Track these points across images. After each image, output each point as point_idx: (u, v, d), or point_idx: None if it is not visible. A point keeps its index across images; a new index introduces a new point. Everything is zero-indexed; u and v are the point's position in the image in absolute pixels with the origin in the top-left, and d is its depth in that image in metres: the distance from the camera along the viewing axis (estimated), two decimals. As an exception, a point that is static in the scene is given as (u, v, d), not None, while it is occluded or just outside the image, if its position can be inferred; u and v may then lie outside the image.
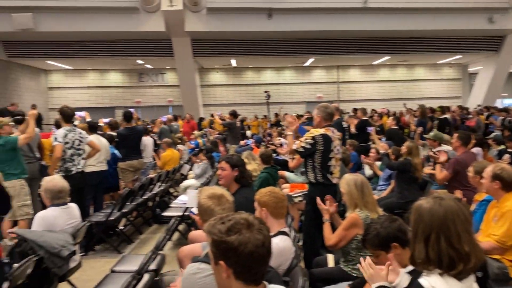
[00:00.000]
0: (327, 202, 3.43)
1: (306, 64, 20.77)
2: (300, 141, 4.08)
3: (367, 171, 6.71)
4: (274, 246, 1.55)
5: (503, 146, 7.64)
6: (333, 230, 3.29)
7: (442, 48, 16.75)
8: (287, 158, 7.02)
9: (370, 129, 8.01)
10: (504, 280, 3.02)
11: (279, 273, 2.51)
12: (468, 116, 13.31)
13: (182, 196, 6.46)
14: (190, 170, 8.74)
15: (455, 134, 5.21)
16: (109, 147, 6.68)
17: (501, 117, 12.86)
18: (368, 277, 2.03)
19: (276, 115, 17.29)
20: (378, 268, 2.02)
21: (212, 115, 16.50)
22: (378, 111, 14.16)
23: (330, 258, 3.44)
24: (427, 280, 1.66)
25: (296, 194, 5.23)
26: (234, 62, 19.59)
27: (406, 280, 1.86)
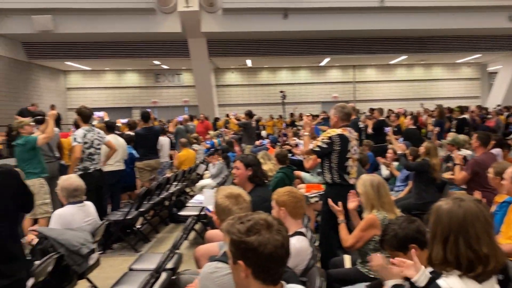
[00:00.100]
0: (349, 197, 3.40)
1: (322, 64, 20.69)
2: (317, 141, 4.07)
3: (384, 172, 6.64)
4: (291, 246, 1.55)
5: (523, 147, 7.47)
6: (349, 231, 3.28)
7: (460, 47, 16.51)
8: (302, 158, 7.00)
9: (387, 129, 7.92)
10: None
11: (296, 273, 2.51)
12: (488, 116, 13.07)
13: (198, 195, 6.50)
14: (206, 170, 8.79)
15: (475, 135, 5.14)
16: (126, 147, 6.77)
17: (521, 117, 12.61)
18: (385, 275, 2.03)
19: (291, 115, 17.25)
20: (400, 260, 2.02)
21: (227, 115, 16.58)
22: (395, 111, 14.01)
23: (347, 259, 3.42)
24: (446, 281, 1.64)
25: (312, 195, 5.21)
26: (249, 62, 19.62)
27: (425, 279, 1.85)
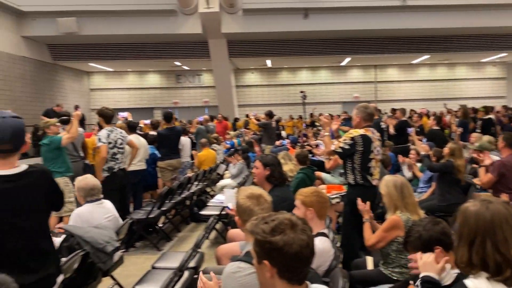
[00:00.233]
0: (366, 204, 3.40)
1: (342, 63, 20.51)
2: (339, 141, 4.04)
3: (406, 173, 6.56)
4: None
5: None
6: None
7: (485, 46, 16.12)
8: (323, 159, 6.97)
9: (410, 130, 7.80)
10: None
11: (319, 274, 2.51)
12: (514, 116, 12.73)
13: (218, 195, 6.54)
14: (226, 170, 8.83)
15: (501, 136, 5.02)
16: (148, 147, 6.86)
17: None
18: (421, 265, 2.05)
19: (311, 115, 17.16)
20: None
21: (247, 116, 16.64)
22: (417, 112, 13.79)
23: (369, 261, 3.39)
24: (473, 282, 1.63)
25: (334, 196, 5.19)
26: (269, 63, 19.61)
27: (451, 278, 1.83)
